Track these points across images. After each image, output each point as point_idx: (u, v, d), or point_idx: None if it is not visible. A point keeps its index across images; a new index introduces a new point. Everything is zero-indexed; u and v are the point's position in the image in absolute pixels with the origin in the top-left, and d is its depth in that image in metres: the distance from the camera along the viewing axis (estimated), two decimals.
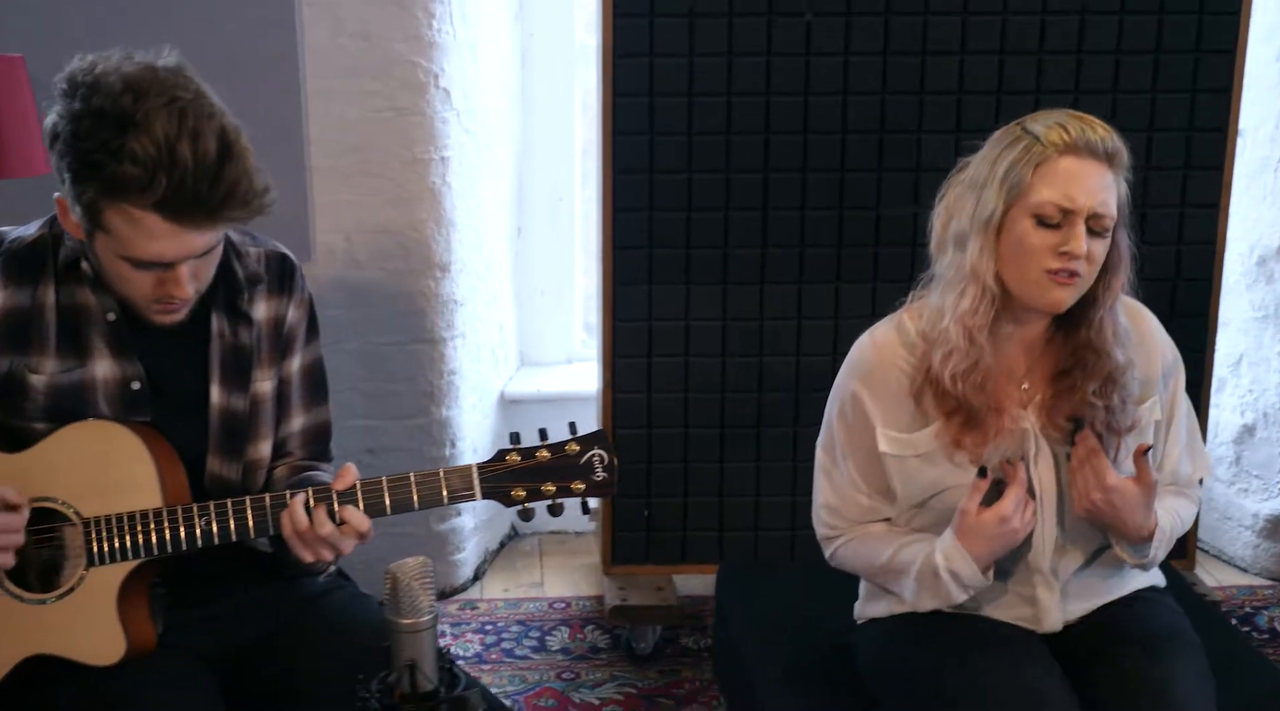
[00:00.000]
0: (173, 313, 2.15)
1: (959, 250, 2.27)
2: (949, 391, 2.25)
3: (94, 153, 1.99)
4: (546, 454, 2.12)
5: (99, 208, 2.02)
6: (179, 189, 1.98)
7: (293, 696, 2.24)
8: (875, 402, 2.34)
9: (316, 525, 2.11)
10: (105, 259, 2.10)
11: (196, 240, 2.06)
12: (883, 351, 2.35)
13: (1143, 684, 2.22)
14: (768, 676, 2.61)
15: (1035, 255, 2.19)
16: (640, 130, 3.42)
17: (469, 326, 3.87)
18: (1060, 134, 2.19)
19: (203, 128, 2.00)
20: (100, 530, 2.12)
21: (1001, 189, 2.21)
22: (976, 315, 2.23)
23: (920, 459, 2.32)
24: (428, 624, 1.83)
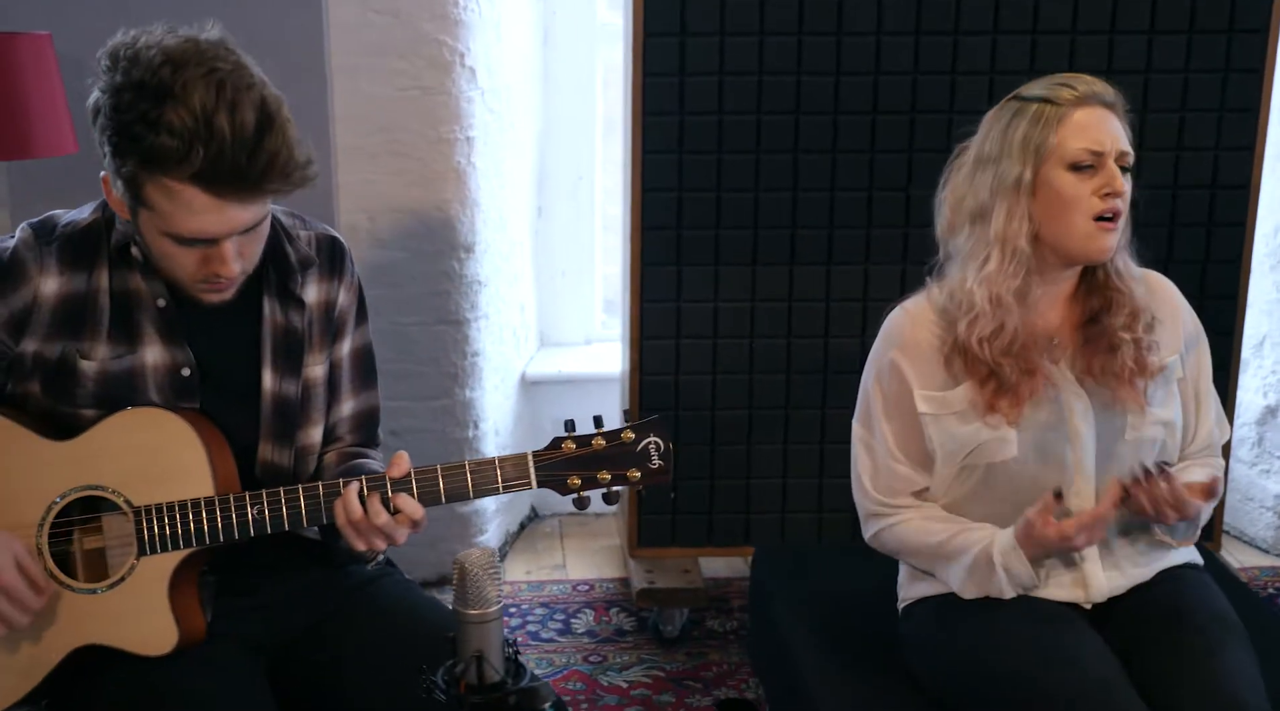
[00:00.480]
0: (219, 292, 2.12)
1: (978, 223, 2.36)
2: (978, 356, 2.33)
3: (133, 124, 1.96)
4: (602, 441, 2.09)
5: (139, 182, 1.99)
6: (217, 160, 1.94)
7: (342, 684, 2.22)
8: (911, 366, 2.40)
9: (371, 514, 2.08)
10: (150, 237, 2.07)
11: (239, 215, 2.02)
12: (915, 317, 2.42)
13: (1196, 670, 2.22)
14: (813, 660, 2.60)
15: (1080, 203, 2.29)
16: (670, 110, 3.39)
17: (492, 307, 3.84)
18: (1069, 92, 2.33)
19: (241, 99, 1.96)
20: (151, 519, 2.09)
21: (1024, 155, 2.32)
22: (1004, 277, 2.32)
23: (956, 416, 2.37)
24: (495, 615, 1.81)
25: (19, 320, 2.11)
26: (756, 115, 3.41)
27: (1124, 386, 2.34)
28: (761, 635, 2.95)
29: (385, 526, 2.10)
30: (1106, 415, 2.36)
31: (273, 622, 2.25)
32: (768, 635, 2.87)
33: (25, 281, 2.11)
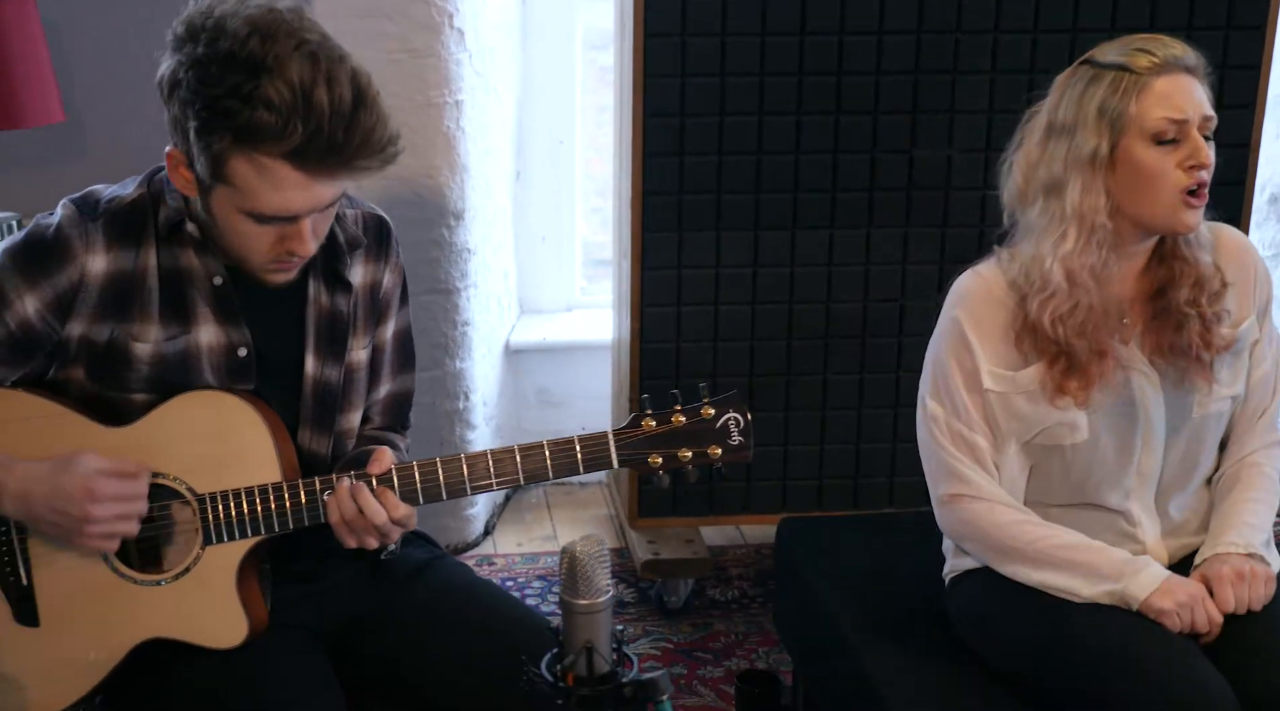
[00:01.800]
0: (288, 272, 2.04)
1: (1053, 197, 2.26)
2: (1050, 336, 2.26)
3: (223, 99, 1.86)
4: (682, 418, 2.03)
5: (226, 157, 1.89)
6: (314, 136, 1.86)
7: (404, 673, 2.16)
8: (980, 339, 2.32)
9: (371, 513, 2.01)
10: (222, 214, 1.97)
11: (325, 191, 1.94)
12: (988, 287, 2.34)
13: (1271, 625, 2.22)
14: (858, 630, 2.56)
15: (1164, 177, 2.20)
16: (672, 73, 3.32)
17: (480, 276, 3.75)
18: (1147, 58, 2.21)
19: (336, 72, 1.88)
20: (217, 506, 2.00)
21: (1101, 126, 2.21)
22: (1082, 255, 2.24)
23: (1024, 396, 2.30)
24: (605, 604, 1.74)
25: (65, 301, 2.00)
26: (760, 77, 3.34)
27: (1192, 363, 2.29)
28: (793, 610, 2.91)
29: (383, 526, 2.02)
30: (1175, 393, 2.31)
31: (329, 610, 2.19)
32: (802, 611, 2.83)
33: (71, 260, 2.00)
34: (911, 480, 3.60)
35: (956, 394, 2.35)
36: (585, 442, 2.02)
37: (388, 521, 2.00)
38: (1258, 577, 2.24)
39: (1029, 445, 2.34)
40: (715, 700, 3.21)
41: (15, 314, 1.99)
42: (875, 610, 2.63)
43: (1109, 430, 2.30)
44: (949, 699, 2.37)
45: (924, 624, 2.55)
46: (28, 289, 1.99)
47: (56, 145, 3.35)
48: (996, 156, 3.37)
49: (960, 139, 3.43)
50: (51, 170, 3.30)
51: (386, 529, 2.01)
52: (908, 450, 3.58)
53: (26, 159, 3.36)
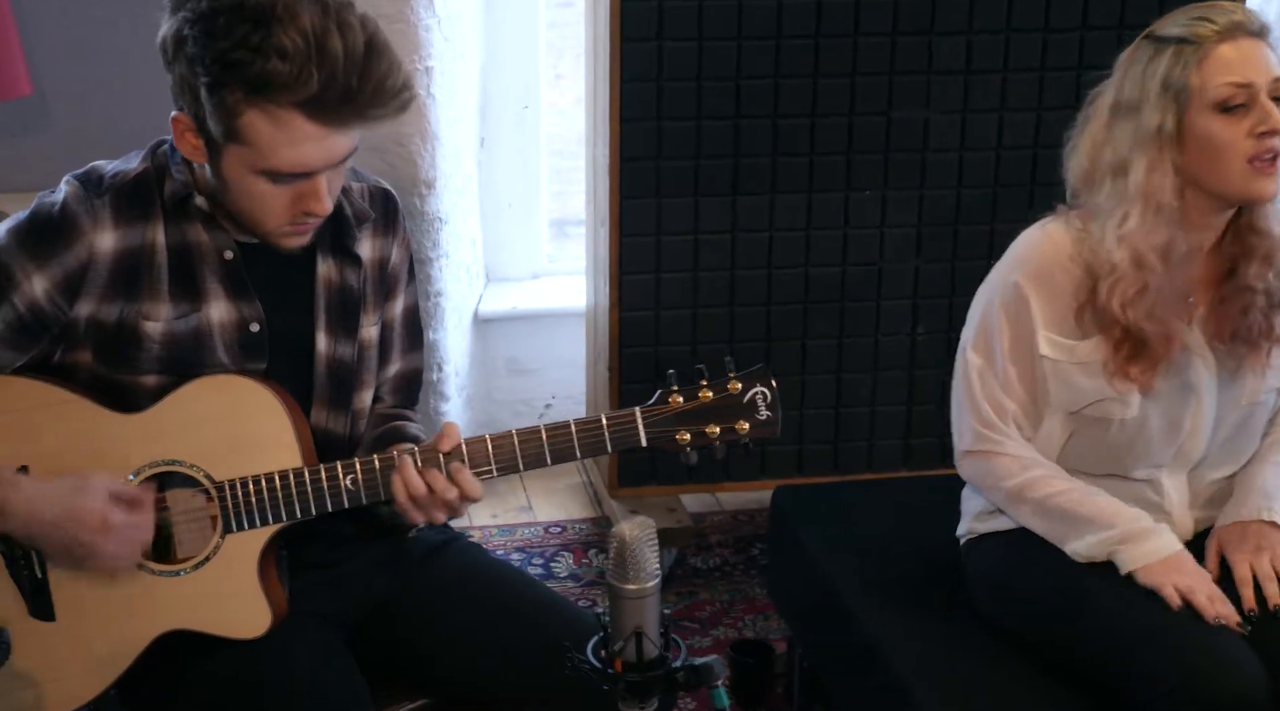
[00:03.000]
0: (302, 235, 1.98)
1: (1119, 178, 2.21)
2: (1120, 320, 2.20)
3: (233, 51, 1.80)
4: (709, 393, 2.00)
5: (238, 113, 1.83)
6: (329, 84, 1.80)
7: (427, 658, 2.12)
8: (1040, 301, 2.27)
9: (440, 489, 1.96)
10: (235, 177, 1.90)
11: (340, 143, 1.89)
12: (1057, 247, 2.27)
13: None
14: (859, 596, 2.56)
15: (1232, 147, 2.14)
16: (648, 36, 3.27)
17: (451, 245, 3.69)
18: (1207, 26, 2.16)
19: (347, 18, 1.83)
20: (237, 494, 1.94)
21: (1165, 100, 2.16)
22: (1149, 235, 2.19)
23: (1080, 367, 2.27)
24: (654, 588, 1.71)
25: (74, 281, 1.93)
26: (737, 40, 3.30)
27: (1252, 352, 2.26)
28: (790, 578, 2.89)
29: (451, 501, 1.98)
30: (1229, 381, 2.28)
31: (347, 596, 2.14)
32: (800, 579, 2.81)
33: (78, 238, 1.93)
34: (890, 444, 3.64)
35: (999, 357, 2.31)
36: (614, 421, 1.98)
37: (457, 497, 1.95)
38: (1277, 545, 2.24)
39: (1074, 415, 2.31)
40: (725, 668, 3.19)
41: (24, 295, 1.92)
42: (876, 575, 2.61)
43: (1159, 411, 2.27)
44: (956, 662, 2.37)
45: (928, 587, 2.55)
46: (36, 269, 1.92)
47: (23, 118, 3.25)
48: (975, 117, 3.44)
49: (938, 101, 3.41)
50: (18, 144, 3.20)
51: (456, 504, 1.96)
52: (887, 414, 3.62)
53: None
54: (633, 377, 3.49)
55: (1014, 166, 3.45)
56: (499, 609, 2.13)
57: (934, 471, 3.57)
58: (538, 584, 2.28)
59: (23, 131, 3.25)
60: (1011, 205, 3.45)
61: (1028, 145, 3.44)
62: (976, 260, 3.48)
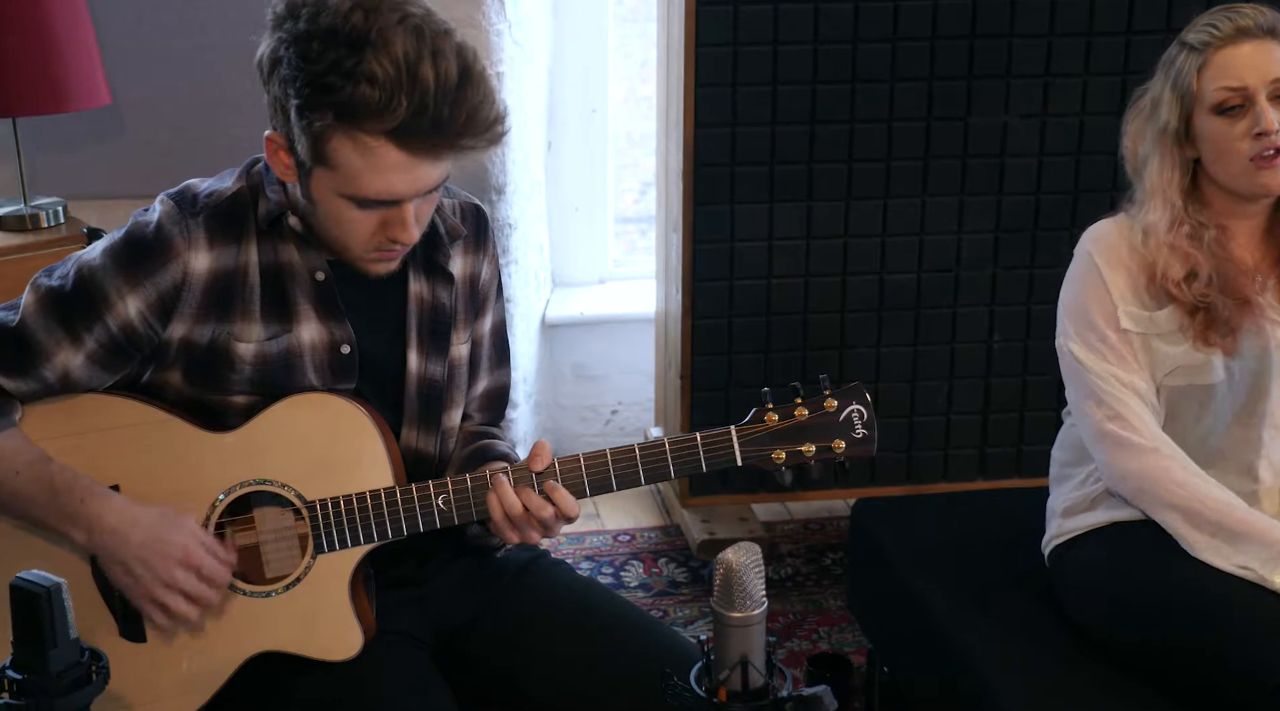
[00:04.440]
0: (389, 261, 1.95)
1: (1144, 171, 2.35)
2: (1180, 298, 2.29)
3: (325, 75, 1.76)
4: (805, 411, 1.95)
5: (327, 137, 1.79)
6: (419, 112, 1.76)
7: (516, 678, 2.08)
8: (1114, 277, 2.34)
9: (535, 508, 1.93)
10: (323, 199, 1.87)
11: (429, 173, 1.84)
12: (1122, 228, 2.37)
13: None
14: (946, 609, 2.52)
15: (1232, 147, 2.25)
16: (724, 41, 3.24)
17: (520, 251, 3.67)
18: (1209, 33, 2.28)
19: (442, 46, 1.78)
20: (329, 514, 1.92)
21: (1174, 101, 2.29)
22: (1173, 227, 2.30)
23: (1161, 337, 2.31)
24: (760, 616, 1.67)
25: (169, 302, 1.91)
26: (814, 45, 3.28)
27: None
28: (872, 591, 2.85)
29: (546, 520, 1.95)
30: None
31: (433, 615, 2.10)
32: (884, 593, 2.77)
33: (174, 258, 1.90)
34: (966, 453, 3.60)
35: (1105, 336, 2.34)
36: (709, 439, 1.94)
37: (553, 515, 1.92)
38: None
39: (1162, 387, 2.33)
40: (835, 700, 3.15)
41: (117, 316, 1.90)
42: (962, 587, 2.57)
43: (1242, 374, 2.30)
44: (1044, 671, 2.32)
45: (1014, 598, 2.51)
46: (130, 289, 1.89)
47: (99, 128, 3.24)
48: (1055, 122, 3.39)
49: (1016, 105, 3.36)
50: (95, 153, 3.19)
51: (551, 523, 1.93)
52: (962, 423, 3.57)
53: (70, 143, 3.25)
54: (704, 385, 3.46)
55: (1094, 171, 3.41)
56: (591, 629, 2.10)
57: (1010, 481, 3.54)
58: (629, 604, 2.23)
59: (100, 140, 3.24)
60: (1091, 210, 3.36)
61: (1108, 150, 3.36)
62: (1055, 266, 3.40)
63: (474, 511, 1.94)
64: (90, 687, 1.61)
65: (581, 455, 1.95)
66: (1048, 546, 2.49)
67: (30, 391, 1.93)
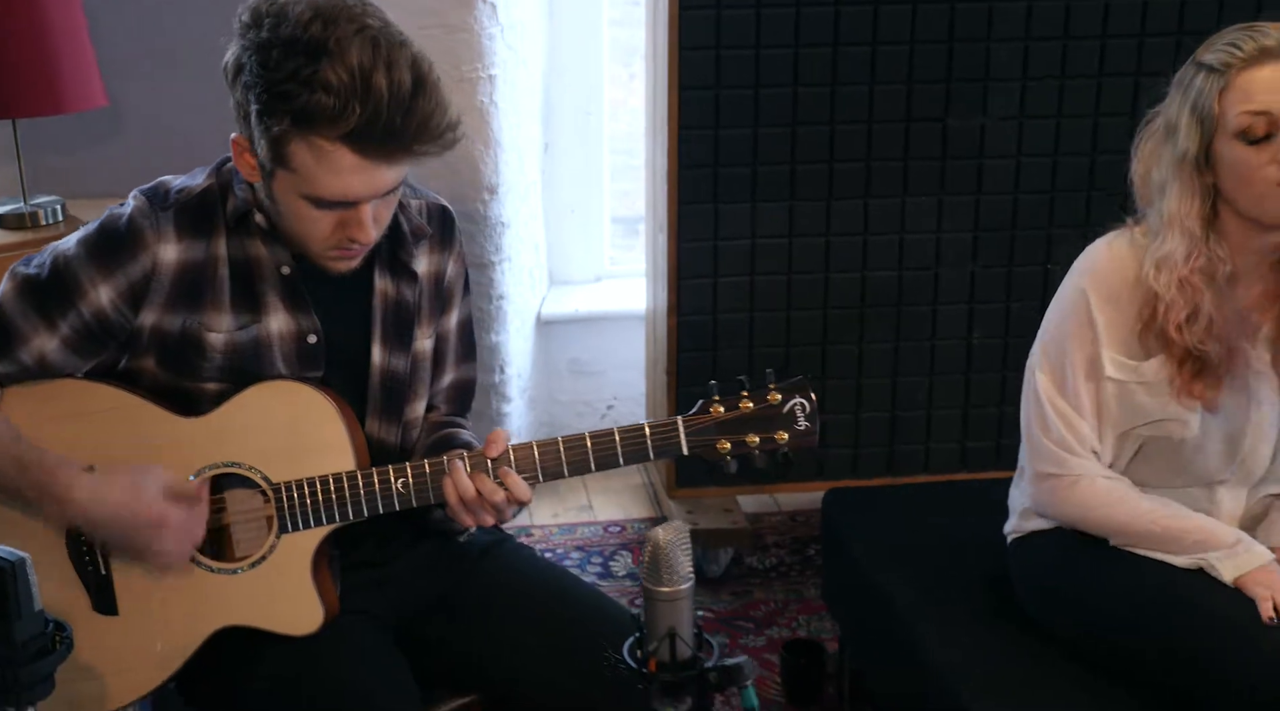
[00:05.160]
0: (349, 259, 2.05)
1: (1161, 197, 2.25)
2: (1177, 342, 2.23)
3: (284, 82, 1.86)
4: (750, 404, 2.04)
5: (286, 141, 1.89)
6: (372, 119, 1.86)
7: (472, 657, 2.18)
8: (1106, 322, 2.29)
9: (488, 493, 2.03)
10: (285, 200, 1.97)
11: (384, 176, 1.94)
12: (1123, 265, 2.29)
13: None
14: (911, 600, 2.59)
15: (1258, 174, 2.15)
16: (707, 45, 3.32)
17: (514, 249, 3.77)
18: (1231, 54, 2.17)
19: (396, 57, 1.88)
20: (293, 495, 2.02)
21: (1193, 126, 2.19)
22: (1188, 259, 2.21)
23: (1144, 387, 2.28)
24: (687, 591, 1.76)
25: (139, 290, 2.02)
26: (794, 48, 3.35)
27: None
28: (840, 580, 2.94)
29: (499, 504, 2.04)
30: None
31: (396, 596, 2.20)
32: (849, 581, 2.85)
33: (143, 249, 2.01)
34: (946, 447, 3.67)
35: (1071, 378, 2.33)
36: (655, 429, 2.03)
37: (504, 499, 2.01)
38: None
39: (1132, 433, 2.33)
40: (758, 668, 3.24)
41: (90, 303, 2.01)
42: (922, 577, 2.66)
43: (1219, 428, 2.28)
44: (999, 664, 2.40)
45: (974, 589, 2.59)
46: (102, 278, 2.00)
47: (97, 129, 3.35)
48: (1031, 123, 3.46)
49: (994, 107, 3.43)
50: (92, 154, 3.30)
51: (503, 507, 2.02)
52: (942, 417, 3.65)
53: (68, 143, 3.37)
54: (690, 381, 3.55)
55: (1070, 172, 3.47)
56: (542, 608, 2.19)
57: (990, 474, 3.60)
58: (582, 583, 2.33)
59: (97, 141, 3.35)
60: (1068, 211, 3.48)
61: (1084, 151, 3.46)
62: (1032, 265, 3.53)
63: (431, 494, 2.03)
64: (53, 656, 1.72)
65: (535, 442, 2.04)
66: (1008, 537, 2.56)
67: (7, 374, 2.04)
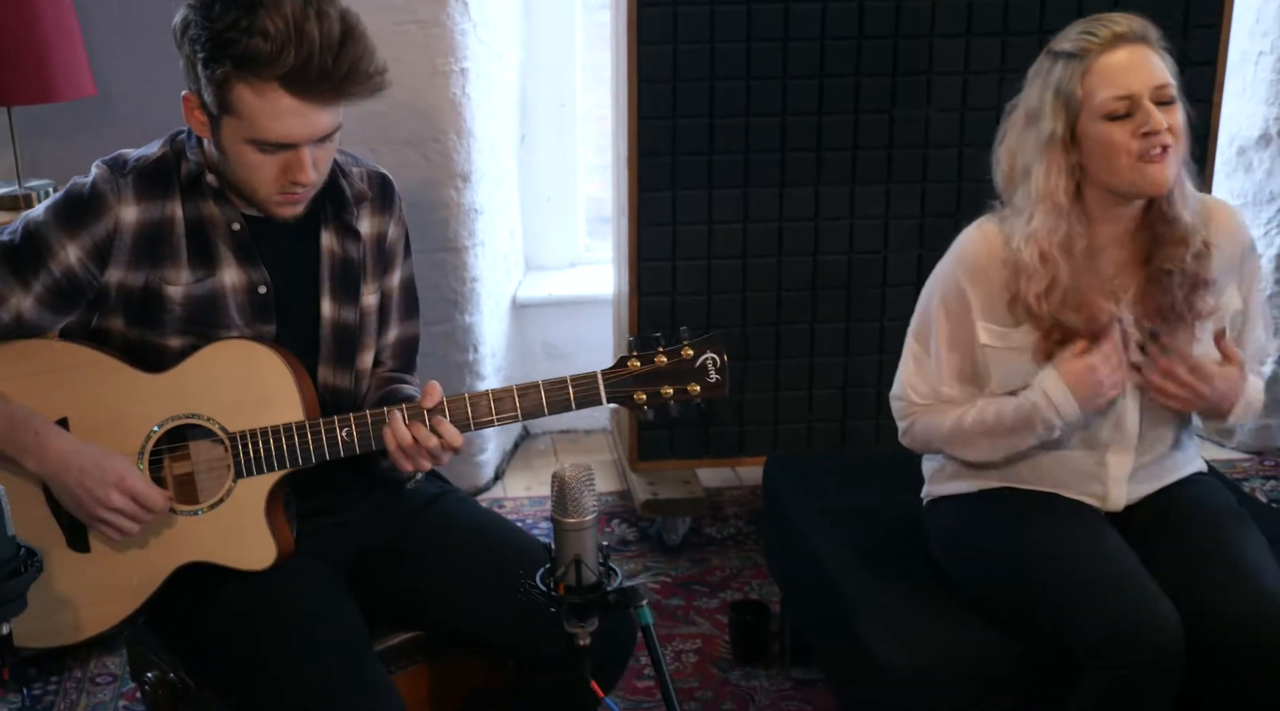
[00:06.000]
0: (294, 204, 2.25)
1: (1026, 180, 2.46)
2: (1036, 313, 2.43)
3: (226, 31, 2.10)
4: (664, 359, 2.24)
5: (229, 85, 2.12)
6: (305, 63, 2.09)
7: (421, 594, 2.37)
8: (977, 295, 2.49)
9: (423, 439, 2.23)
10: (232, 148, 2.19)
11: (320, 118, 2.16)
12: (991, 244, 2.50)
13: (1213, 556, 2.42)
14: (838, 559, 2.78)
15: (1120, 148, 2.35)
16: (664, 39, 3.52)
17: (487, 234, 3.96)
18: (1086, 40, 2.39)
19: (326, 8, 2.12)
20: (248, 443, 2.22)
21: (1057, 109, 2.40)
22: (1047, 233, 2.42)
23: (1016, 352, 2.48)
24: (591, 523, 1.96)
25: (103, 249, 2.23)
26: (747, 43, 3.55)
27: (1180, 328, 2.44)
28: (778, 541, 3.13)
29: (434, 449, 2.24)
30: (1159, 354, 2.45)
31: (349, 540, 2.40)
32: (786, 541, 3.04)
33: (106, 211, 2.23)
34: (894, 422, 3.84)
35: (934, 345, 2.56)
36: (577, 382, 2.23)
37: (438, 445, 2.22)
38: None
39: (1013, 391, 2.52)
40: (710, 628, 3.44)
41: (60, 262, 2.22)
42: (853, 539, 2.85)
43: None
44: (913, 614, 2.58)
45: (899, 549, 2.77)
46: (69, 239, 2.22)
47: (88, 117, 3.57)
48: (973, 115, 3.65)
49: (938, 99, 3.63)
50: (83, 141, 3.51)
51: (437, 452, 2.23)
52: None
53: (60, 130, 3.58)
54: None
55: None
56: (476, 549, 2.39)
57: None
58: (511, 525, 2.54)
59: (87, 129, 3.56)
60: None
61: None
62: None
63: (372, 442, 2.24)
64: (25, 577, 1.94)
65: (467, 394, 2.24)
66: (923, 501, 2.77)
67: None
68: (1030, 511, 2.54)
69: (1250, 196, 4.14)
